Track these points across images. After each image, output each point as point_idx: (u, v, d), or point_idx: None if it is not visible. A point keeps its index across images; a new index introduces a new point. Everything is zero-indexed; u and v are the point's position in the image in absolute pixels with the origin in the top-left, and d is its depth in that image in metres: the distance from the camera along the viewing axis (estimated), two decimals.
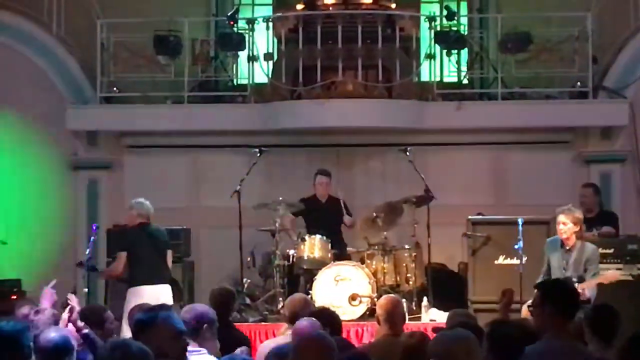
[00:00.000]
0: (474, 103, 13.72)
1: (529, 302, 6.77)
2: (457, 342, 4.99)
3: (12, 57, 13.85)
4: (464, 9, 15.02)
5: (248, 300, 11.72)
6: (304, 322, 6.56)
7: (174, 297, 10.40)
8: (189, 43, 13.74)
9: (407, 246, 11.77)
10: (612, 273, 10.03)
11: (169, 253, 10.61)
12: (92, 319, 6.92)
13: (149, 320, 5.34)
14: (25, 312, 6.74)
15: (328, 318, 7.12)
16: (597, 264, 9.82)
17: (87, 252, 10.66)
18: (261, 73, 13.54)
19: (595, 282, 9.67)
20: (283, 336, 7.47)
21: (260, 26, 13.53)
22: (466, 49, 14.11)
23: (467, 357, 4.95)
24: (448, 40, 13.40)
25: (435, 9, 14.52)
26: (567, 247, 9.76)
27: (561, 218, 9.76)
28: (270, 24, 13.51)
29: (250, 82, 13.69)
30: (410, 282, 11.58)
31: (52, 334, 5.40)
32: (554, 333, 5.63)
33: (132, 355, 4.82)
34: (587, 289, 9.47)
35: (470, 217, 11.85)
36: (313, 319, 6.69)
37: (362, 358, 5.69)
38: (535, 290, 6.22)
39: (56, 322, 6.54)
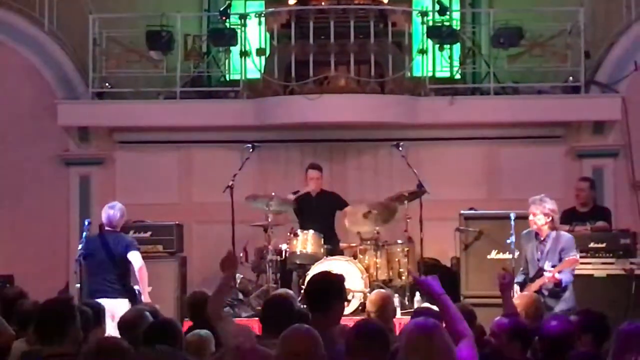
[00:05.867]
0: (467, 98, 13.72)
1: None
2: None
3: (3, 52, 13.83)
4: (456, 4, 15.03)
5: (241, 296, 11.70)
6: None
7: None
8: (181, 38, 13.73)
9: (399, 241, 11.77)
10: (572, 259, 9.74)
11: (135, 254, 10.00)
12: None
13: None
14: None
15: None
16: (575, 252, 9.66)
17: (79, 248, 10.61)
18: (253, 68, 13.52)
19: (564, 267, 9.46)
20: None
21: (252, 21, 13.52)
22: (458, 44, 14.08)
23: None
24: (440, 35, 13.39)
25: (427, 3, 14.52)
26: (542, 238, 9.68)
27: (531, 209, 9.66)
28: (263, 19, 13.51)
29: (243, 77, 13.67)
30: (403, 277, 11.58)
31: None
32: None
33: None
34: (559, 274, 9.35)
35: (462, 211, 11.83)
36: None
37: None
38: None
39: None
